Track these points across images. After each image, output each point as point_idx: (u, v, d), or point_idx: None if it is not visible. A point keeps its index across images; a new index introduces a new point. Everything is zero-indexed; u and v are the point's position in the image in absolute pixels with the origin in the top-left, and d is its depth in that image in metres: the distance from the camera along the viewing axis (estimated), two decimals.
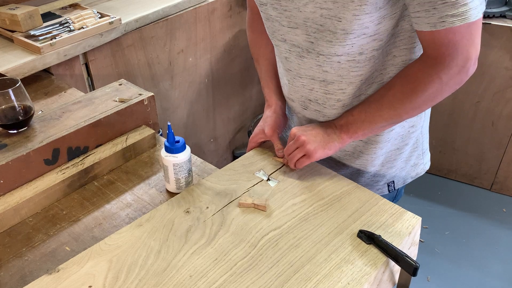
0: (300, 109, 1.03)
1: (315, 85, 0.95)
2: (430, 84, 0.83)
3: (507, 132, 2.20)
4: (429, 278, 1.95)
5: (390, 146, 1.03)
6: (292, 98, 1.03)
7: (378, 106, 0.90)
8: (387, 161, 1.06)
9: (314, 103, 0.98)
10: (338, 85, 0.93)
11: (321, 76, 0.93)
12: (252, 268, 0.77)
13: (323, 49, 0.88)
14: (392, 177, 1.08)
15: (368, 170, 1.06)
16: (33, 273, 0.81)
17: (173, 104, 1.89)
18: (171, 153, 0.91)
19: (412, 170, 1.11)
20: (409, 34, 0.87)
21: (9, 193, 0.92)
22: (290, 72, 0.98)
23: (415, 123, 1.03)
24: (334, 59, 0.88)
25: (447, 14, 0.75)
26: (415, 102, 0.86)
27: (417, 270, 0.75)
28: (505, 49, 2.02)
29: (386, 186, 1.09)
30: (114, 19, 1.47)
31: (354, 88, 0.92)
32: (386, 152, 1.04)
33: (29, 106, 1.00)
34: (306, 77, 0.95)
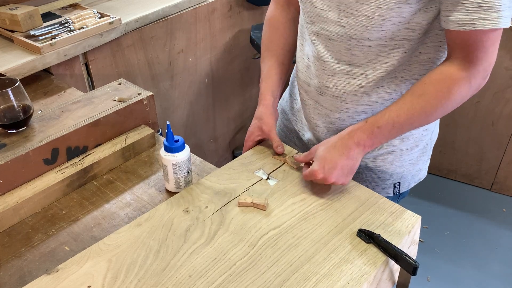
0: (315, 94, 1.01)
1: (339, 69, 0.95)
2: (462, 88, 0.85)
3: (507, 132, 2.20)
4: (429, 278, 1.95)
5: (402, 145, 1.03)
6: (310, 82, 1.01)
7: (409, 115, 0.87)
8: (397, 160, 1.05)
9: (333, 89, 0.97)
10: (364, 69, 0.92)
11: (348, 59, 0.93)
12: (251, 267, 0.76)
13: (356, 33, 0.88)
14: (399, 177, 1.08)
15: (377, 165, 1.05)
16: (32, 273, 0.81)
17: (173, 104, 1.89)
18: (170, 153, 0.91)
19: (416, 174, 1.12)
20: (436, 32, 0.88)
21: (8, 193, 0.92)
22: (315, 54, 0.97)
23: (428, 127, 1.04)
24: (366, 43, 0.89)
25: (479, 17, 0.78)
26: (446, 107, 0.87)
27: (416, 269, 0.75)
28: (505, 49, 2.02)
29: (392, 187, 1.09)
30: (114, 19, 1.47)
31: (378, 75, 0.92)
32: (397, 150, 1.04)
33: (28, 105, 1.00)
34: (330, 60, 0.95)
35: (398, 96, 0.94)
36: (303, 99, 1.07)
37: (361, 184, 0.96)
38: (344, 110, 0.99)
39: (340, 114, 1.00)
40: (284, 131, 1.21)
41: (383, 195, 0.95)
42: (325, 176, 0.88)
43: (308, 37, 0.99)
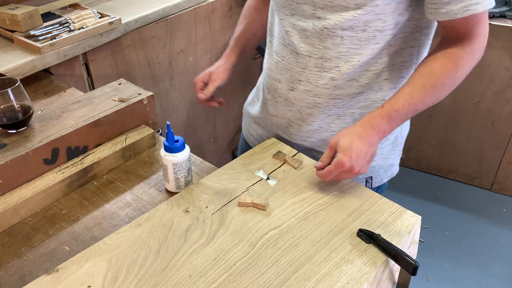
0: (285, 90, 1.02)
1: (311, 62, 0.96)
2: (467, 62, 0.89)
3: (507, 132, 2.20)
4: (429, 278, 1.95)
5: None
6: (280, 78, 1.03)
7: (421, 95, 0.89)
8: None
9: (305, 82, 0.99)
10: (336, 62, 0.94)
11: (320, 52, 0.94)
12: (252, 267, 0.76)
13: (330, 22, 0.90)
14: (371, 172, 1.09)
15: None
16: (32, 273, 0.81)
17: (173, 104, 1.89)
18: (171, 153, 0.91)
19: (388, 169, 1.14)
20: (405, 24, 0.90)
21: (9, 193, 0.92)
22: (288, 47, 0.98)
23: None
24: (338, 33, 0.90)
25: (471, 3, 0.82)
26: (454, 82, 0.90)
27: (416, 269, 0.75)
28: (505, 49, 2.02)
29: (364, 181, 1.10)
30: (114, 19, 1.47)
31: (350, 68, 0.94)
32: None
33: (28, 105, 1.00)
34: (303, 53, 0.96)
35: (369, 90, 0.98)
36: (273, 97, 1.07)
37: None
38: (315, 105, 1.00)
39: (311, 109, 1.01)
40: (253, 134, 1.22)
41: None
42: (352, 165, 0.86)
43: (276, 34, 1.01)
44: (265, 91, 1.11)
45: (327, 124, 1.04)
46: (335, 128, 1.04)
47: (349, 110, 1.01)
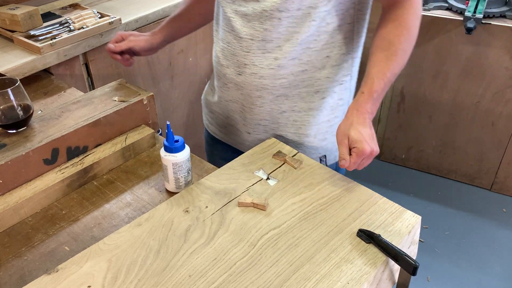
0: (234, 75, 1.07)
1: (254, 45, 1.01)
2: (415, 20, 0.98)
3: (507, 132, 2.20)
4: (429, 278, 1.95)
5: (321, 116, 1.10)
6: (228, 64, 1.07)
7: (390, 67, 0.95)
8: (319, 133, 1.12)
9: (250, 65, 1.03)
10: (277, 42, 0.99)
11: (261, 35, 0.99)
12: (252, 267, 0.76)
13: (267, 4, 0.95)
14: (324, 150, 1.14)
15: (302, 141, 1.12)
16: (32, 273, 0.81)
17: (173, 104, 1.89)
18: (170, 153, 0.91)
19: None
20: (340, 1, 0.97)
21: (9, 193, 0.92)
22: (232, 33, 1.03)
23: (343, 96, 1.11)
24: (276, 14, 0.95)
25: None
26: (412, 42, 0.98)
27: (416, 269, 0.75)
28: (505, 49, 2.02)
29: (318, 160, 1.12)
30: (114, 19, 1.47)
31: (291, 47, 0.99)
32: (318, 123, 1.10)
33: (28, 105, 1.00)
34: (246, 37, 1.01)
35: (312, 68, 1.03)
36: (224, 83, 1.11)
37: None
38: (263, 86, 1.04)
39: (260, 91, 1.05)
40: (213, 123, 1.26)
41: None
42: (372, 148, 0.91)
43: (221, 22, 1.06)
44: (217, 78, 1.15)
45: (277, 105, 1.08)
46: (285, 108, 1.08)
47: (295, 90, 1.06)
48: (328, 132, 1.12)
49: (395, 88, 2.36)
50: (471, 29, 1.97)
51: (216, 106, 1.21)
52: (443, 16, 2.08)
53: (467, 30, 1.98)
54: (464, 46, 2.09)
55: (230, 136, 1.22)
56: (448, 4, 2.12)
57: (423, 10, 2.13)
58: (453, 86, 2.21)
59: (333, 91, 1.08)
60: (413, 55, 1.09)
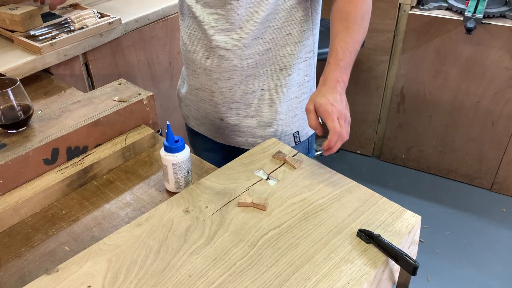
0: (202, 59, 1.11)
1: (217, 28, 1.05)
2: None
3: (507, 132, 2.20)
4: (429, 278, 1.95)
5: (290, 93, 1.15)
6: (195, 49, 1.12)
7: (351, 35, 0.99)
8: (290, 109, 1.17)
9: (216, 48, 1.07)
10: (239, 23, 1.04)
11: (223, 18, 1.04)
12: (252, 267, 0.76)
13: None
14: (296, 127, 1.19)
15: (275, 118, 1.16)
16: (32, 273, 0.81)
17: (173, 104, 1.89)
18: (170, 153, 0.91)
19: None
20: None
21: (8, 193, 0.92)
22: (195, 20, 1.08)
23: (308, 73, 1.17)
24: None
25: None
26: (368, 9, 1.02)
27: (416, 269, 0.75)
28: (505, 49, 2.02)
29: (292, 137, 1.20)
30: (114, 19, 1.47)
31: (252, 26, 1.03)
32: (287, 99, 1.15)
33: (28, 105, 1.00)
34: (209, 21, 1.06)
35: (275, 46, 1.08)
36: (193, 70, 1.15)
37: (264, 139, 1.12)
38: (231, 68, 1.09)
39: (229, 73, 1.09)
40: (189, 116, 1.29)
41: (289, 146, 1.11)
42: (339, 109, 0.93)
43: (186, 11, 1.11)
44: (186, 66, 1.19)
45: (247, 86, 1.12)
46: (255, 88, 1.12)
47: (262, 69, 1.10)
48: (298, 108, 1.18)
49: (395, 88, 2.36)
50: (471, 29, 1.97)
51: (188, 98, 1.24)
52: (443, 16, 2.08)
53: (467, 30, 1.98)
54: (464, 46, 2.09)
55: (205, 126, 1.26)
56: (448, 4, 2.12)
57: (423, 10, 2.13)
58: (453, 86, 2.21)
59: (298, 68, 1.14)
60: (413, 55, 1.10)
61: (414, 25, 2.14)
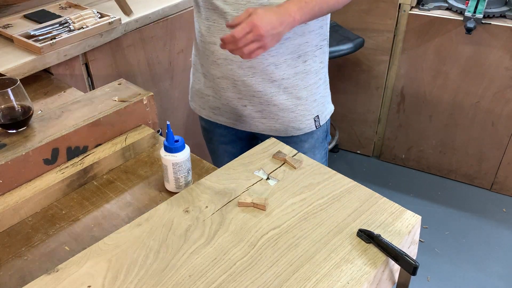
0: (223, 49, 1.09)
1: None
2: None
3: (507, 132, 2.20)
4: (429, 278, 1.95)
5: (308, 79, 1.20)
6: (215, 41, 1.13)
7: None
8: (309, 95, 1.22)
9: None
10: None
11: (244, 7, 1.06)
12: (251, 267, 0.76)
13: None
14: (316, 111, 1.25)
15: (296, 104, 1.21)
16: (32, 273, 0.81)
17: (173, 104, 1.89)
18: (170, 153, 0.91)
19: (327, 106, 1.30)
20: None
21: (8, 193, 0.92)
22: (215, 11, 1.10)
23: (322, 59, 1.23)
24: None
25: None
26: None
27: (416, 269, 0.75)
28: (505, 49, 2.02)
29: (313, 121, 1.25)
30: (114, 19, 1.47)
31: None
32: (306, 85, 1.20)
33: (28, 106, 1.00)
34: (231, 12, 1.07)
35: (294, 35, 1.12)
36: (214, 61, 1.17)
37: (287, 125, 1.21)
38: None
39: (250, 61, 1.12)
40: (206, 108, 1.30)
41: (307, 130, 1.24)
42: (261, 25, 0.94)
43: (202, 3, 1.12)
44: (204, 60, 1.21)
45: (268, 75, 1.15)
46: (276, 77, 1.16)
47: (282, 57, 1.14)
48: (316, 93, 1.23)
49: (395, 88, 2.36)
50: (471, 29, 1.97)
51: (206, 89, 1.26)
52: (443, 16, 2.08)
53: (467, 30, 1.98)
54: (464, 46, 2.09)
55: (225, 115, 1.27)
56: (448, 4, 2.12)
57: (423, 10, 2.13)
58: (453, 86, 2.21)
59: (314, 55, 1.19)
60: (413, 55, 1.10)
61: (414, 25, 2.15)
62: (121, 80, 1.18)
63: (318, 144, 1.32)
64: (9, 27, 1.45)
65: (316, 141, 1.30)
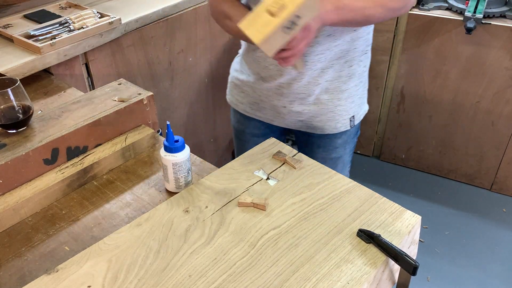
0: None
1: None
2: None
3: (507, 132, 2.20)
4: (429, 278, 1.95)
5: (350, 82, 1.23)
6: None
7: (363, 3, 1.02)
8: (349, 96, 1.25)
9: None
10: None
11: None
12: (252, 267, 0.76)
13: None
14: (353, 112, 1.29)
15: (335, 104, 1.24)
16: (32, 273, 0.81)
17: (173, 104, 1.89)
18: (170, 153, 0.91)
19: (362, 107, 1.33)
20: None
21: (9, 193, 0.92)
22: None
23: (366, 63, 1.26)
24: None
25: None
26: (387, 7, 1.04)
27: (416, 269, 0.75)
28: (505, 49, 2.02)
29: (349, 121, 1.29)
30: (114, 19, 1.47)
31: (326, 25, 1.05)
32: (348, 88, 1.24)
33: (28, 105, 1.00)
34: None
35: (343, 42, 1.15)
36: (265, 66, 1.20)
37: (325, 124, 1.25)
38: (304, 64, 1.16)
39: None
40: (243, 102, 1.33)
41: (343, 129, 1.28)
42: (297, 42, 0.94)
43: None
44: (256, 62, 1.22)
45: (315, 79, 1.19)
46: (321, 81, 1.19)
47: (330, 63, 1.17)
48: (355, 95, 1.27)
49: (395, 88, 2.36)
50: (471, 29, 1.97)
51: (249, 86, 1.29)
52: (443, 16, 2.08)
53: (467, 30, 1.98)
54: (464, 46, 2.09)
55: (263, 111, 1.31)
56: (448, 4, 2.12)
57: (423, 10, 2.13)
58: (453, 86, 2.21)
59: (359, 60, 1.22)
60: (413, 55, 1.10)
61: (414, 25, 2.14)
62: (121, 80, 1.18)
63: (350, 139, 1.36)
64: (9, 27, 1.45)
65: (348, 137, 1.34)
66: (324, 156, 1.37)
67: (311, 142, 1.35)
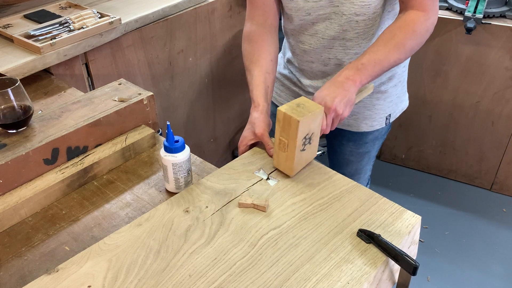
0: (320, 67, 1.22)
1: (336, 43, 1.16)
2: (423, 24, 1.05)
3: (507, 132, 2.20)
4: (429, 278, 1.95)
5: (390, 83, 1.27)
6: (312, 60, 1.22)
7: (384, 52, 1.03)
8: (388, 97, 1.29)
9: (334, 59, 1.19)
10: (355, 41, 1.14)
11: (341, 35, 1.14)
12: (252, 267, 0.76)
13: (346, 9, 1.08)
14: (390, 110, 1.32)
15: (374, 104, 1.28)
16: (32, 273, 0.81)
17: (173, 104, 1.89)
18: (170, 153, 0.91)
19: (400, 105, 1.36)
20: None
21: (9, 193, 0.92)
22: (315, 35, 1.16)
23: (406, 64, 1.30)
24: (353, 18, 1.09)
25: None
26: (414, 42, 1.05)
27: (416, 269, 0.75)
28: (505, 49, 2.02)
29: (385, 119, 1.32)
30: (114, 19, 1.47)
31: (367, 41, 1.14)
32: (386, 89, 1.27)
33: (28, 105, 1.00)
34: (327, 39, 1.15)
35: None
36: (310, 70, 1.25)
37: (361, 122, 1.30)
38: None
39: None
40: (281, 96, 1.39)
41: (378, 127, 1.31)
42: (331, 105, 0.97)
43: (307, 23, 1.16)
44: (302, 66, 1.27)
45: None
46: None
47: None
48: (393, 94, 1.30)
49: None
50: (471, 29, 1.97)
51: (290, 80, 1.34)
52: (443, 16, 2.08)
53: (467, 30, 1.98)
54: (464, 46, 2.09)
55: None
56: (448, 4, 2.12)
57: None
58: (453, 86, 2.21)
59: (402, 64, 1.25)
60: (413, 55, 1.10)
61: None
62: (121, 80, 1.18)
63: (381, 136, 1.37)
64: (9, 27, 1.45)
65: (379, 133, 1.36)
66: (352, 149, 1.38)
67: (341, 135, 1.37)
